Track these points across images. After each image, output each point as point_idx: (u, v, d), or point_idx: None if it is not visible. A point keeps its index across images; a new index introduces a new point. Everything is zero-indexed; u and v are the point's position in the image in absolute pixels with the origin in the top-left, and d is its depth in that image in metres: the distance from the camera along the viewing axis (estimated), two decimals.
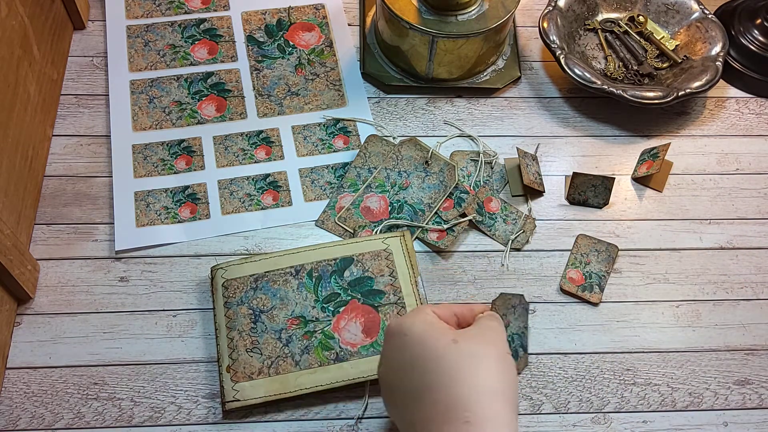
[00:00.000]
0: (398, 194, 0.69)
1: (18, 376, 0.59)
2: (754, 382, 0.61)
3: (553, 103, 0.77)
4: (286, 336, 0.59)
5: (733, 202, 0.71)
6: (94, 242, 0.66)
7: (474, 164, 0.72)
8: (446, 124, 0.75)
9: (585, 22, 0.81)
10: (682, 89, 0.73)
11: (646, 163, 0.72)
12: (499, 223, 0.68)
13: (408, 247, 0.64)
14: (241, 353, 0.59)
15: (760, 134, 0.76)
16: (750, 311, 0.65)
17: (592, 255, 0.66)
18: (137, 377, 0.59)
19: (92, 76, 0.76)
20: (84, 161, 0.70)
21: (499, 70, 0.78)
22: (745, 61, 0.79)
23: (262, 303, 0.61)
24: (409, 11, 0.71)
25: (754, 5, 0.80)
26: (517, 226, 0.68)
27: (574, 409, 0.59)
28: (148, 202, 0.68)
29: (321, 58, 0.78)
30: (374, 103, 0.76)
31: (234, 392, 0.57)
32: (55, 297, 0.63)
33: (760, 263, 0.68)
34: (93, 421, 0.57)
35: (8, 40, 0.63)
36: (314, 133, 0.73)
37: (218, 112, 0.74)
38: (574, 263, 0.66)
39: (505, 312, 0.63)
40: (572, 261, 0.66)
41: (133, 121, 0.73)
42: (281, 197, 0.69)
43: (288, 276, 0.62)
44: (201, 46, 0.78)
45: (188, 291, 0.64)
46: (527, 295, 0.64)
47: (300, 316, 0.60)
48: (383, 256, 0.63)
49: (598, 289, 0.65)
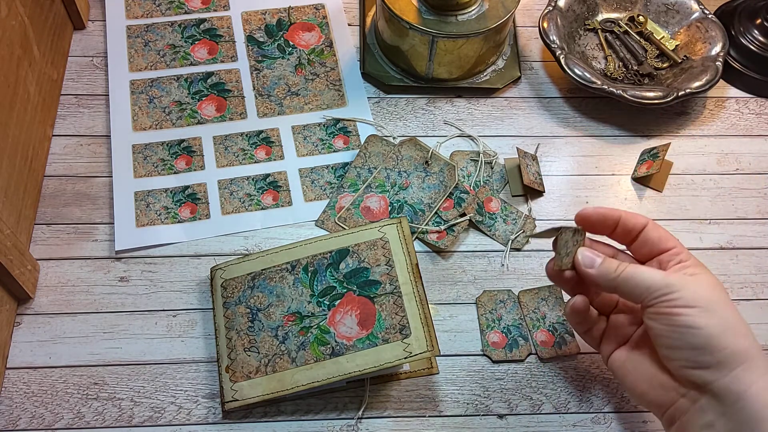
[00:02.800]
0: (398, 194, 0.69)
1: (18, 376, 0.59)
2: None
3: (553, 103, 0.77)
4: (283, 333, 0.59)
5: (733, 202, 0.71)
6: (94, 242, 0.66)
7: (474, 164, 0.72)
8: (446, 124, 0.75)
9: (585, 22, 0.81)
10: (682, 89, 0.73)
11: (646, 163, 0.72)
12: (499, 223, 0.68)
13: (405, 233, 0.63)
14: (239, 353, 0.59)
15: (760, 134, 0.76)
16: (750, 311, 0.65)
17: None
18: (137, 377, 0.59)
19: (92, 76, 0.76)
20: (84, 161, 0.70)
21: (499, 70, 0.78)
22: (745, 61, 0.79)
23: (259, 301, 0.61)
24: (409, 11, 0.71)
25: (754, 5, 0.80)
26: (517, 226, 0.68)
27: (574, 409, 0.59)
28: (148, 202, 0.68)
29: (321, 58, 0.78)
30: (374, 103, 0.76)
31: (233, 392, 0.57)
32: (55, 297, 0.63)
33: (760, 263, 0.68)
34: (93, 421, 0.57)
35: (8, 40, 0.63)
36: (314, 133, 0.73)
37: (218, 112, 0.74)
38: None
39: (494, 307, 0.63)
40: None
41: (133, 121, 0.73)
42: (281, 197, 0.69)
43: (284, 272, 0.62)
44: (201, 46, 0.78)
45: (188, 291, 0.64)
46: None
47: (296, 312, 0.60)
48: (379, 245, 0.63)
49: None
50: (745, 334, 0.46)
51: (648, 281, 0.47)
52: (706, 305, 0.45)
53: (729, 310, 0.46)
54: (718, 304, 0.46)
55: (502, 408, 0.59)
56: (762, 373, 0.44)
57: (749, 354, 0.45)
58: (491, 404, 0.59)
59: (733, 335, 0.45)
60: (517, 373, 0.61)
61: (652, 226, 0.51)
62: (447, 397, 0.59)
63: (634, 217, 0.52)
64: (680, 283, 0.46)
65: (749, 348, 0.45)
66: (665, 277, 0.47)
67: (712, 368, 0.45)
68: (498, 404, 0.59)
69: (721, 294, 0.47)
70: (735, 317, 0.46)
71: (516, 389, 0.60)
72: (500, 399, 0.59)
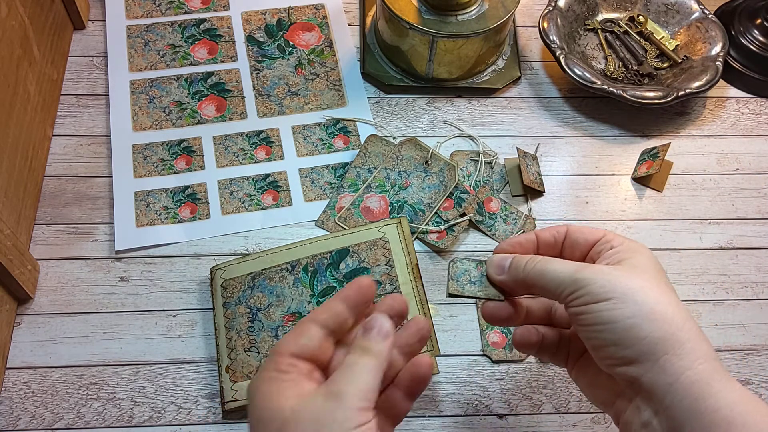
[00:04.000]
0: (398, 194, 0.69)
1: (18, 376, 0.59)
2: (754, 382, 0.61)
3: (553, 103, 0.77)
4: (283, 333, 0.59)
5: (733, 202, 0.71)
6: (94, 242, 0.66)
7: (474, 164, 0.72)
8: (446, 124, 0.75)
9: (585, 22, 0.81)
10: (682, 89, 0.73)
11: (646, 163, 0.72)
12: (499, 223, 0.68)
13: (405, 233, 0.63)
14: (239, 353, 0.59)
15: (760, 134, 0.76)
16: (750, 311, 0.65)
17: None
18: (137, 377, 0.59)
19: (92, 76, 0.76)
20: (84, 161, 0.70)
21: (499, 70, 0.78)
22: (745, 61, 0.79)
23: (259, 301, 0.61)
24: (409, 11, 0.71)
25: (754, 5, 0.80)
26: (517, 226, 0.68)
27: (574, 409, 0.59)
28: (148, 202, 0.68)
29: (321, 58, 0.78)
30: (374, 103, 0.76)
31: (233, 392, 0.57)
32: (55, 297, 0.63)
33: (760, 263, 0.68)
34: (93, 421, 0.57)
35: (8, 40, 0.63)
36: (314, 133, 0.73)
37: (218, 112, 0.74)
38: None
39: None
40: None
41: (133, 121, 0.73)
42: (281, 197, 0.69)
43: (284, 272, 0.62)
44: (201, 46, 0.78)
45: (188, 291, 0.64)
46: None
47: (296, 312, 0.60)
48: (379, 245, 0.63)
49: None
50: (671, 318, 0.39)
51: (557, 278, 0.42)
52: (620, 295, 0.39)
53: (652, 294, 0.40)
54: (639, 290, 0.40)
55: (502, 408, 0.59)
56: (695, 359, 0.38)
57: (676, 339, 0.38)
58: (491, 404, 0.59)
59: (653, 321, 0.39)
60: (517, 373, 0.61)
61: (573, 229, 0.45)
62: (447, 397, 0.59)
63: (549, 230, 0.46)
64: (589, 277, 0.40)
65: (676, 332, 0.38)
66: (573, 273, 0.41)
67: (636, 363, 0.39)
68: (498, 404, 0.59)
69: (645, 277, 0.41)
70: (659, 300, 0.39)
71: (516, 389, 0.60)
72: (500, 399, 0.59)
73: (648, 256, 0.43)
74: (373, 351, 0.38)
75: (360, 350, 0.38)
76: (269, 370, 0.38)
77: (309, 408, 0.36)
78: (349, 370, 0.37)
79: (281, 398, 0.36)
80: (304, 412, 0.35)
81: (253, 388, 0.38)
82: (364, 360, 0.38)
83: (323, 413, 0.35)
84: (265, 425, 0.36)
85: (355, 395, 0.36)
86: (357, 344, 0.39)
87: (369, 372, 0.37)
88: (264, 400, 0.37)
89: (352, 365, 0.38)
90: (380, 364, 0.38)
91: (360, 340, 0.39)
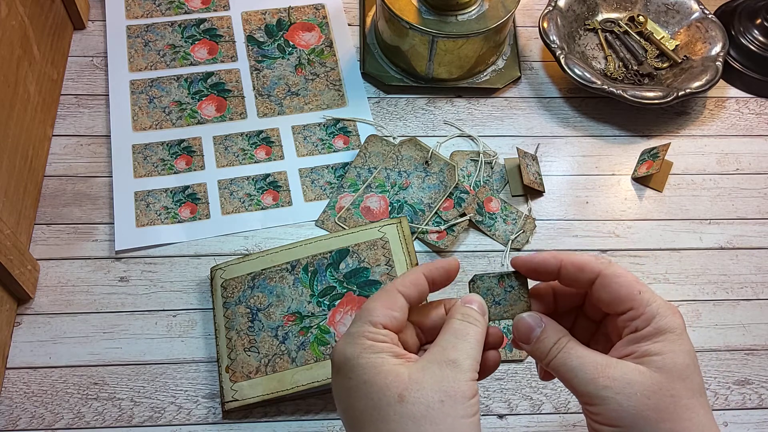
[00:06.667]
0: (398, 194, 0.69)
1: (18, 376, 0.59)
2: (754, 382, 0.61)
3: (553, 103, 0.77)
4: (283, 333, 0.59)
5: (733, 202, 0.71)
6: (94, 242, 0.66)
7: (474, 164, 0.72)
8: (446, 124, 0.75)
9: (585, 22, 0.81)
10: (682, 89, 0.73)
11: (646, 163, 0.72)
12: (499, 223, 0.68)
13: (405, 233, 0.63)
14: (239, 353, 0.59)
15: (760, 134, 0.76)
16: (750, 311, 0.65)
17: None
18: (137, 377, 0.59)
19: (92, 76, 0.76)
20: (84, 161, 0.70)
21: (499, 70, 0.78)
22: (745, 61, 0.79)
23: (259, 301, 0.61)
24: (409, 11, 0.71)
25: (754, 5, 0.80)
26: (517, 226, 0.68)
27: (574, 409, 0.59)
28: (148, 202, 0.68)
29: (321, 58, 0.78)
30: (374, 103, 0.76)
31: (233, 392, 0.57)
32: (55, 297, 0.63)
33: (760, 263, 0.68)
34: (93, 421, 0.57)
35: (8, 40, 0.63)
36: (314, 133, 0.73)
37: (218, 112, 0.74)
38: None
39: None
40: None
41: (133, 121, 0.73)
42: (281, 197, 0.69)
43: (284, 272, 0.62)
44: (201, 46, 0.78)
45: (188, 291, 0.64)
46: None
47: (296, 312, 0.60)
48: (379, 245, 0.63)
49: None
50: None
51: (575, 378, 0.38)
52: (631, 423, 0.36)
53: (664, 428, 0.36)
54: (652, 417, 0.36)
55: (502, 408, 0.59)
56: None
57: None
58: (491, 404, 0.59)
59: None
60: (517, 373, 0.61)
61: (608, 277, 0.39)
62: None
63: (577, 264, 0.40)
64: (606, 392, 0.36)
65: None
66: (594, 380, 0.37)
67: None
68: (498, 404, 0.59)
69: (666, 394, 0.36)
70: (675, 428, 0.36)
71: (516, 389, 0.60)
72: (500, 399, 0.59)
73: (683, 350, 0.37)
74: (481, 323, 0.39)
75: (469, 319, 0.39)
76: (365, 338, 0.38)
77: (428, 375, 0.36)
78: (462, 339, 0.38)
79: (391, 365, 0.37)
80: (424, 380, 0.36)
81: (351, 356, 0.38)
82: (472, 330, 0.39)
83: (445, 381, 0.36)
84: (381, 391, 0.36)
85: (470, 366, 0.37)
86: (463, 312, 0.40)
87: (478, 342, 0.38)
88: (375, 367, 0.37)
89: (463, 334, 0.38)
90: (483, 337, 0.39)
91: (466, 309, 0.40)
